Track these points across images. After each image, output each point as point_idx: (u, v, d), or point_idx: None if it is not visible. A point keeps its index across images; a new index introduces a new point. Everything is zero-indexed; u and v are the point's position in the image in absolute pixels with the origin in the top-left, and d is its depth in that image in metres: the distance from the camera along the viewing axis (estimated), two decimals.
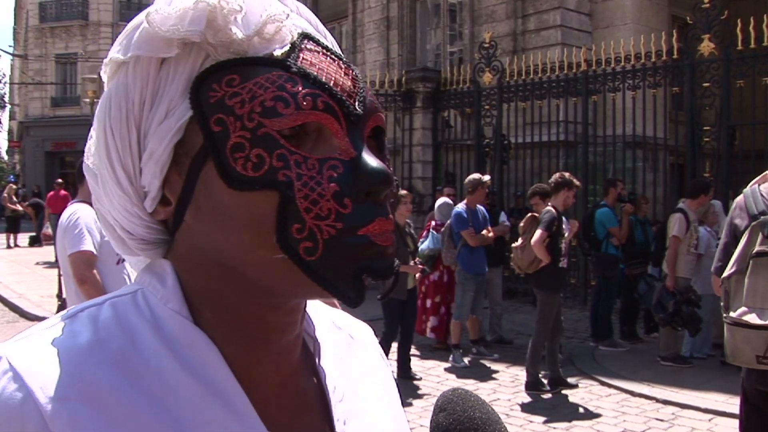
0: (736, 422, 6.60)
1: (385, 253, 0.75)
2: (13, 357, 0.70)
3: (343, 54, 0.86)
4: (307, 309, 0.91)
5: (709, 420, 6.79)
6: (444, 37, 19.17)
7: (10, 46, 61.77)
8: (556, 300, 7.77)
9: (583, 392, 7.66)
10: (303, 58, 0.76)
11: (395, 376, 6.57)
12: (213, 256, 0.77)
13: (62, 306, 5.28)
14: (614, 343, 9.55)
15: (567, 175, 7.91)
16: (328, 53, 0.79)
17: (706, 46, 10.72)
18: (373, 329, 1.07)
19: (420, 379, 8.14)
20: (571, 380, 7.94)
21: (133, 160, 0.79)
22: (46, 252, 20.26)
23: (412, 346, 8.57)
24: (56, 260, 14.92)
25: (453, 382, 8.14)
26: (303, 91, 0.73)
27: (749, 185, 4.15)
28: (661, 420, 6.81)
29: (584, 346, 9.34)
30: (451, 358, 8.85)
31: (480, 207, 9.14)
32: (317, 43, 0.79)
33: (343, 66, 0.79)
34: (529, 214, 7.90)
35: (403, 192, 8.12)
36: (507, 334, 10.16)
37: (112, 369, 0.71)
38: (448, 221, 9.15)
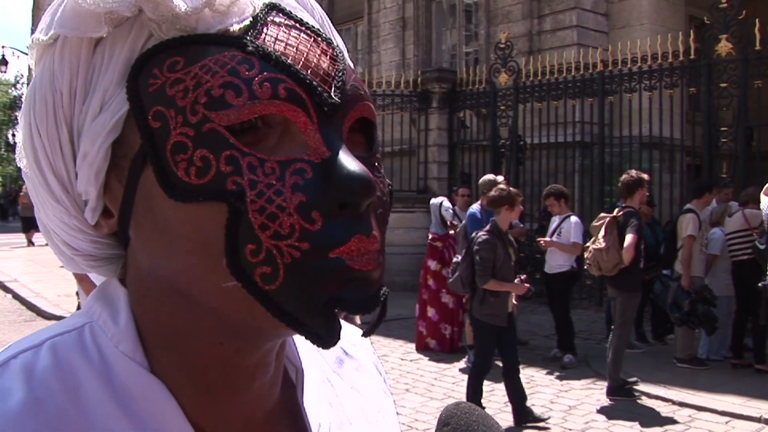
0: (753, 425, 6.60)
1: (367, 279, 0.60)
2: None
3: (342, 48, 0.71)
4: None
5: (726, 423, 6.73)
6: (460, 38, 19.15)
7: (28, 47, 62.20)
8: (637, 301, 7.81)
9: (599, 394, 7.63)
10: (266, 34, 0.62)
11: (513, 424, 6.54)
12: (163, 280, 0.64)
13: (80, 305, 5.26)
14: (630, 344, 9.50)
15: (635, 173, 7.83)
16: (303, 27, 0.65)
17: (724, 47, 10.66)
18: (386, 329, 1.00)
19: (548, 418, 6.79)
20: (584, 381, 7.91)
21: (65, 163, 0.65)
22: None
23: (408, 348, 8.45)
24: None
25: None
26: (260, 75, 0.59)
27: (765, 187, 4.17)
28: (678, 422, 6.77)
29: (600, 348, 9.26)
30: (465, 359, 8.83)
31: None
32: (288, 15, 0.65)
33: (321, 42, 0.65)
34: (609, 216, 7.77)
35: (514, 190, 6.84)
36: (522, 335, 10.10)
37: None
38: (463, 222, 9.14)
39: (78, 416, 0.61)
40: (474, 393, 6.68)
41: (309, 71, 0.61)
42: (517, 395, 6.68)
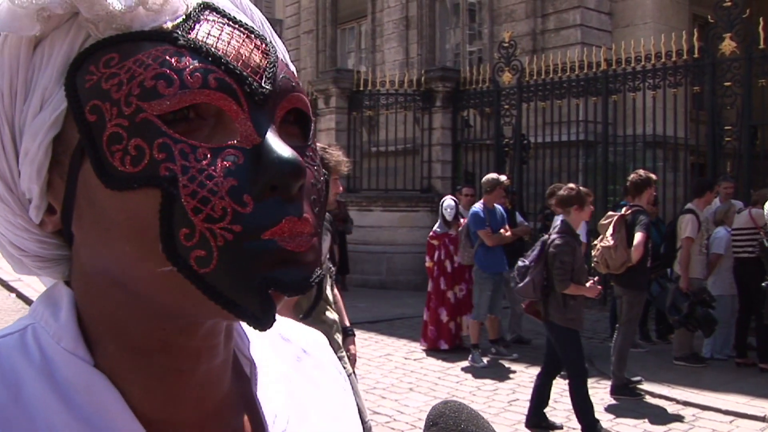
0: (757, 424, 6.59)
1: (299, 261, 0.61)
2: None
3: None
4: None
5: (730, 422, 6.73)
6: (463, 37, 19.15)
7: None
8: (643, 300, 7.83)
9: (603, 393, 7.62)
10: (199, 30, 0.63)
11: (524, 424, 6.49)
12: (104, 273, 0.65)
13: None
14: (634, 343, 9.50)
15: (643, 172, 7.84)
16: (236, 25, 0.66)
17: (728, 45, 10.65)
18: (390, 328, 0.98)
19: (561, 427, 6.63)
20: (593, 381, 7.91)
21: (8, 161, 0.66)
22: None
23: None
24: None
25: (471, 381, 8.13)
26: (191, 66, 0.60)
27: None
28: (682, 421, 6.76)
29: (604, 347, 9.27)
30: (469, 358, 8.83)
31: (498, 206, 9.13)
32: (222, 14, 0.66)
33: (254, 39, 0.66)
34: (617, 215, 7.76)
35: (584, 189, 6.57)
36: (525, 334, 10.12)
37: None
38: (465, 220, 9.16)
39: (19, 413, 0.62)
40: (583, 403, 6.29)
41: (240, 63, 0.63)
42: (540, 397, 6.51)
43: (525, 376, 8.38)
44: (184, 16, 0.63)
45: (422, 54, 19.50)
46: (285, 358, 0.86)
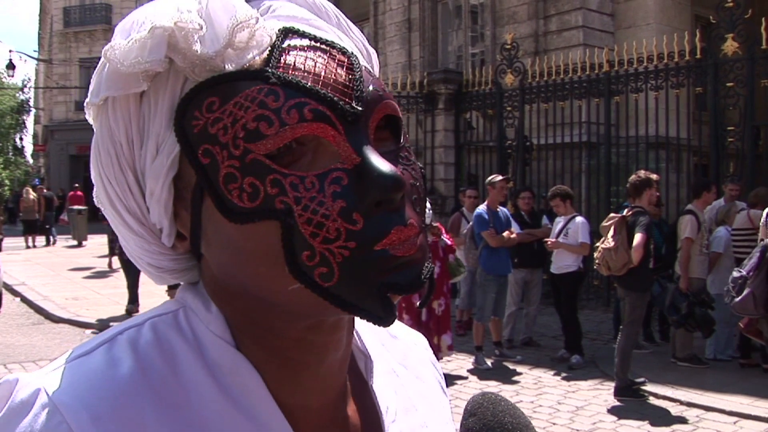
0: (761, 425, 6.59)
1: (409, 262, 0.68)
2: (52, 389, 0.67)
3: (360, 40, 0.82)
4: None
5: (734, 423, 6.72)
6: (466, 39, 19.16)
7: (34, 50, 62.48)
8: (646, 301, 7.81)
9: (607, 394, 7.62)
10: (284, 62, 0.68)
11: None
12: (234, 286, 0.73)
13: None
14: (638, 344, 9.49)
15: (643, 173, 7.84)
16: (318, 44, 0.71)
17: (730, 46, 10.64)
18: None
19: None
20: (591, 382, 7.90)
21: (136, 201, 0.75)
22: (79, 254, 20.44)
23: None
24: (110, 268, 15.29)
25: (475, 383, 8.12)
26: (286, 104, 0.66)
27: None
28: (685, 422, 6.76)
29: (607, 348, 9.27)
30: (473, 360, 8.83)
31: (502, 209, 9.12)
32: (302, 35, 0.71)
33: (336, 55, 0.71)
34: (618, 216, 7.75)
35: None
36: (536, 337, 10.10)
37: (153, 400, 0.69)
38: (470, 223, 9.14)
39: (177, 384, 0.71)
40: None
41: (329, 88, 0.68)
42: None
43: (529, 377, 8.38)
44: (270, 49, 0.69)
45: (424, 56, 19.51)
46: (393, 354, 0.93)
